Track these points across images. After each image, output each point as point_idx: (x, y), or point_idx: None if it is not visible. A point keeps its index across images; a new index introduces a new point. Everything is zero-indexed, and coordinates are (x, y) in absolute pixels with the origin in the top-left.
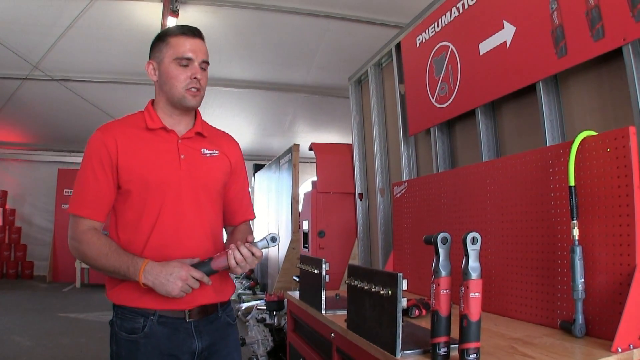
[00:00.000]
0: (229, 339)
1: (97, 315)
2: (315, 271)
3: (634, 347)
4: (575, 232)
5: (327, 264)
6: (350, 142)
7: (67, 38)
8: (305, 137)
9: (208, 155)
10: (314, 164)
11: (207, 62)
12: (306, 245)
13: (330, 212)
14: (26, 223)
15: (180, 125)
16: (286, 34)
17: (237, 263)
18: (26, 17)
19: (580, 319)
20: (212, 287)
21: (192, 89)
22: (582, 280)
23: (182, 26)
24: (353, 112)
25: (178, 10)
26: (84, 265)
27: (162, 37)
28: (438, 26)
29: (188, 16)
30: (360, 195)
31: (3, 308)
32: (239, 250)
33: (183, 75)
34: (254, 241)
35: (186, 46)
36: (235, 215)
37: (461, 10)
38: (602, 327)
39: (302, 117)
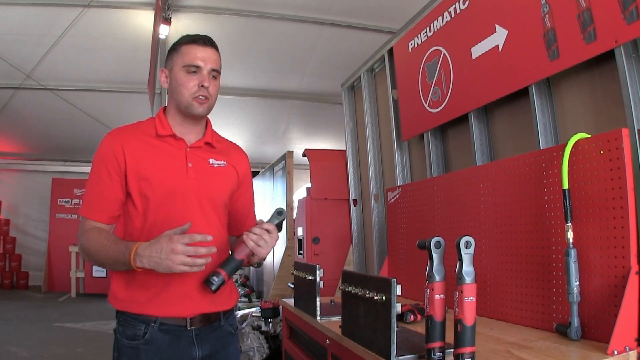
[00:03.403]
0: (229, 348)
1: (93, 324)
2: (310, 278)
3: (630, 349)
4: (570, 234)
5: (322, 270)
6: (344, 149)
7: (59, 47)
8: (299, 144)
9: (215, 165)
10: (308, 171)
11: (217, 71)
12: (301, 252)
13: (324, 219)
14: (21, 233)
15: (191, 135)
16: (279, 41)
17: (255, 243)
18: (18, 27)
19: (575, 321)
20: (211, 296)
21: (200, 97)
22: (577, 283)
23: (195, 35)
24: (346, 118)
25: (170, 18)
26: (80, 275)
27: (175, 45)
28: (430, 31)
29: (180, 24)
30: (355, 201)
31: None
32: (251, 232)
33: (191, 83)
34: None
35: (195, 54)
36: (242, 227)
37: (453, 15)
38: (597, 330)
39: (296, 124)
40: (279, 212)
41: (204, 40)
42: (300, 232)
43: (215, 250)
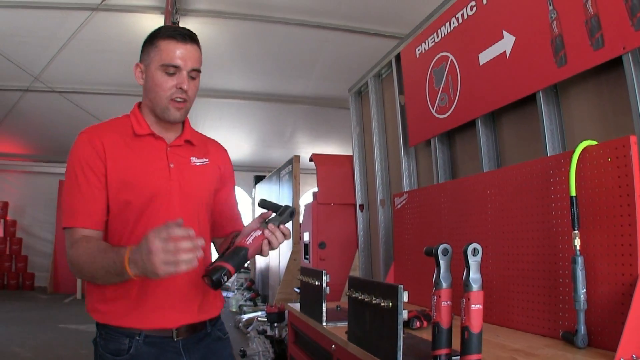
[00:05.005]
0: (221, 354)
1: None
2: (316, 283)
3: (637, 358)
4: (577, 242)
5: (328, 275)
6: (351, 153)
7: (67, 50)
8: (306, 149)
9: (198, 164)
10: (315, 175)
11: (197, 71)
12: (307, 256)
13: (331, 224)
14: (27, 234)
15: (169, 133)
16: (286, 45)
17: (277, 241)
18: (27, 30)
19: (582, 329)
20: (199, 304)
21: (177, 99)
22: (584, 290)
23: (174, 29)
24: (353, 123)
25: (178, 22)
26: None
27: (152, 39)
28: (437, 37)
29: (188, 28)
30: (361, 206)
31: (3, 319)
32: (279, 230)
33: (168, 84)
34: (279, 220)
35: (175, 52)
36: (225, 226)
37: (460, 21)
38: (604, 338)
39: (303, 129)
40: (291, 214)
41: (184, 36)
42: (306, 236)
43: (204, 243)
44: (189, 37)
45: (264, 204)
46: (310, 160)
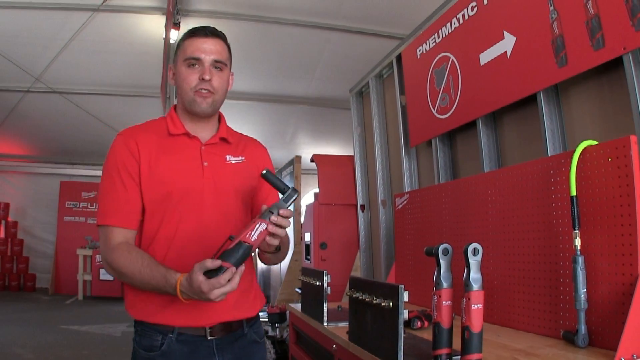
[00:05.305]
0: (253, 357)
1: (99, 327)
2: (317, 283)
3: (638, 358)
4: (577, 242)
5: (329, 276)
6: (352, 154)
7: (69, 51)
8: (307, 149)
9: (233, 161)
10: (316, 176)
11: (221, 62)
12: (308, 257)
13: (332, 224)
14: (28, 235)
15: (204, 131)
16: (287, 46)
17: (283, 231)
18: (28, 30)
19: (583, 329)
20: (236, 301)
21: (202, 90)
22: (585, 290)
23: (196, 27)
24: (354, 124)
25: (179, 22)
26: (87, 278)
27: (179, 41)
28: (438, 37)
29: (189, 29)
30: (362, 206)
31: (5, 320)
32: (279, 227)
33: (191, 77)
34: (282, 203)
35: (196, 46)
36: None
37: (461, 21)
38: (605, 337)
39: (304, 129)
40: (294, 191)
41: (205, 31)
42: (307, 237)
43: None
44: (210, 32)
45: (268, 176)
46: (312, 160)
